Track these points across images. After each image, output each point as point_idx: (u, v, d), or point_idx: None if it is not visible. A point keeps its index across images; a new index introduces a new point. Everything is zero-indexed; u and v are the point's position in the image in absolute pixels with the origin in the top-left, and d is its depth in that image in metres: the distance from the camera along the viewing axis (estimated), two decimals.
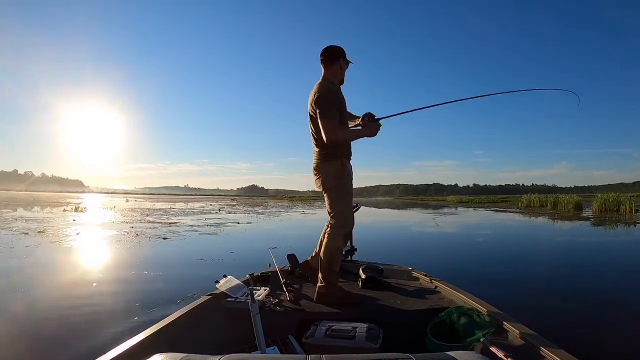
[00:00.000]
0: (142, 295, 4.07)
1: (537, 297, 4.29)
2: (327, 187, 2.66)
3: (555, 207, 25.83)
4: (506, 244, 9.39)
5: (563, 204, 25.19)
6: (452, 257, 7.27)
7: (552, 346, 1.59)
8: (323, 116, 2.51)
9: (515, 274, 5.69)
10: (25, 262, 5.98)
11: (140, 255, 6.72)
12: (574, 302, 4.18)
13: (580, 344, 2.68)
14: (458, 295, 2.47)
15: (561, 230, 13.13)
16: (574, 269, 6.14)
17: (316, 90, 2.62)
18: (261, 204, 41.58)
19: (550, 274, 5.70)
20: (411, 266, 3.41)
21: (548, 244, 9.71)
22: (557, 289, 4.73)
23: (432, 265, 5.88)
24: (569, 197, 26.96)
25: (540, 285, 4.93)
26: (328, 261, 2.60)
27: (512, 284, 5.03)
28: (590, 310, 3.93)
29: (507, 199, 56.36)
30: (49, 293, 4.31)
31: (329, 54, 2.69)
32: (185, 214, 19.25)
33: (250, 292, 1.76)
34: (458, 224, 15.62)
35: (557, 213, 21.13)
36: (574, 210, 22.92)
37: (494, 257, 7.20)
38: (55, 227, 11.32)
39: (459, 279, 3.70)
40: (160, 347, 1.38)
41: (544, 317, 3.54)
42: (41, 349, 2.82)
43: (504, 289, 4.62)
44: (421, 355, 0.94)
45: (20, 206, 25.98)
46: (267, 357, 1.55)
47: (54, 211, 20.49)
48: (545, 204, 27.59)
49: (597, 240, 10.27)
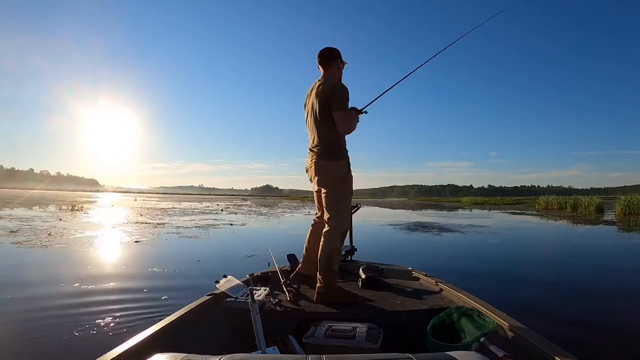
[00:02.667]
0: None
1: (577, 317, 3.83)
2: (331, 187, 2.66)
3: (575, 209, 24.79)
4: (532, 254, 8.57)
5: (583, 206, 24.11)
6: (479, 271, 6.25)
7: (552, 346, 1.58)
8: (339, 108, 2.56)
9: (552, 291, 5.02)
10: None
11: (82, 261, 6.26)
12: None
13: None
14: (458, 295, 2.47)
15: (587, 235, 12.31)
16: (610, 281, 5.62)
17: (326, 86, 2.65)
18: (271, 204, 41.26)
19: (590, 289, 5.12)
20: (411, 266, 3.40)
21: (579, 253, 8.66)
22: (594, 306, 4.28)
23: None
24: (590, 198, 25.73)
25: (580, 301, 4.46)
26: (327, 261, 2.60)
27: (548, 299, 4.50)
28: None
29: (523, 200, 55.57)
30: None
31: (327, 55, 2.77)
32: (183, 214, 18.99)
33: (250, 292, 1.75)
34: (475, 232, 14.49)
35: (578, 216, 20.21)
36: (596, 213, 21.90)
37: (518, 266, 6.72)
38: (32, 227, 11.03)
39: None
40: (161, 347, 1.39)
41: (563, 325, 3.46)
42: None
43: (544, 307, 4.13)
44: (421, 355, 0.94)
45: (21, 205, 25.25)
46: (267, 357, 1.54)
47: (47, 210, 20.02)
48: (565, 206, 26.59)
49: (630, 246, 9.59)
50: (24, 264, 5.98)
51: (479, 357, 0.98)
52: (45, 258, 6.47)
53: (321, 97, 2.63)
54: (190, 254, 7.23)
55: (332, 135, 2.65)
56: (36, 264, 6.00)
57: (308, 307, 2.43)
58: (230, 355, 0.94)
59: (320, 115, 2.64)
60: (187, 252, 7.41)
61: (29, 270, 5.54)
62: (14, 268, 5.75)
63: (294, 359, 1.35)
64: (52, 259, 6.40)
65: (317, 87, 2.73)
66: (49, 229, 10.44)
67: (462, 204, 51.45)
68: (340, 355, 1.06)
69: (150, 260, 6.40)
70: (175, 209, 25.16)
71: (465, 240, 10.37)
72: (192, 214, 19.39)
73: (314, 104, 2.68)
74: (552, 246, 9.97)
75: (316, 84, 2.78)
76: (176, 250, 7.78)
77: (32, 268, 5.71)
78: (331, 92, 2.59)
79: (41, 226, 11.34)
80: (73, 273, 5.31)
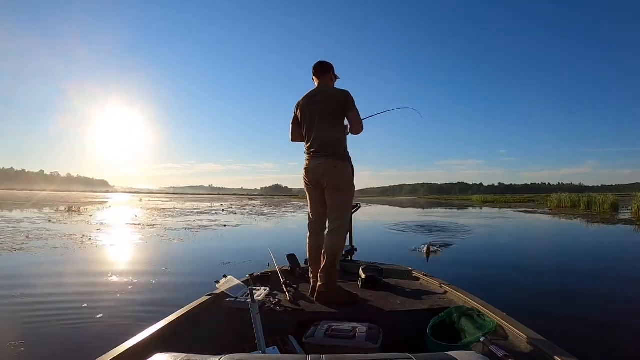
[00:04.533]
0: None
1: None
2: (343, 187, 2.74)
3: (589, 207, 23.97)
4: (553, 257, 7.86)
5: (598, 204, 23.35)
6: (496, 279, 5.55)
7: (552, 346, 1.58)
8: (354, 108, 2.77)
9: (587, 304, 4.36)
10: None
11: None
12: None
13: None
14: (458, 295, 2.47)
15: (609, 234, 11.71)
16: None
17: (338, 91, 2.82)
18: (277, 203, 40.78)
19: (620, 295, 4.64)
20: (411, 266, 3.41)
21: (608, 256, 7.92)
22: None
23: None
24: (604, 196, 25.04)
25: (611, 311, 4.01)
26: (333, 260, 2.63)
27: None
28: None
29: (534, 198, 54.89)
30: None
31: (322, 68, 2.94)
32: (181, 215, 18.76)
33: (250, 292, 1.76)
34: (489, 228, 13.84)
35: (593, 214, 19.42)
36: (611, 211, 21.11)
37: (543, 275, 5.90)
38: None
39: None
40: (161, 347, 1.40)
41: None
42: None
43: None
44: (421, 355, 0.94)
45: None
46: (267, 357, 1.54)
47: (34, 210, 19.83)
48: (578, 204, 25.70)
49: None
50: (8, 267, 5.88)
51: (479, 357, 0.98)
52: (27, 260, 6.33)
53: (335, 100, 2.77)
54: (169, 257, 7.00)
55: (343, 138, 2.79)
56: (14, 266, 5.90)
57: (308, 307, 2.44)
58: (230, 355, 0.95)
59: (333, 118, 2.75)
60: (165, 255, 7.13)
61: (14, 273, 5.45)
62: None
63: (294, 359, 1.36)
64: (30, 261, 6.25)
65: (321, 92, 2.84)
66: (29, 232, 10.00)
67: (472, 202, 50.60)
68: (340, 355, 1.06)
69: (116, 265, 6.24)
70: (176, 209, 25.02)
71: (481, 243, 9.61)
72: (190, 215, 19.01)
73: (323, 106, 2.77)
74: (576, 247, 9.36)
75: (317, 91, 2.88)
76: (154, 253, 7.45)
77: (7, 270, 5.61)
78: (346, 96, 2.76)
79: (15, 228, 11.11)
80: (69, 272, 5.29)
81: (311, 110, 2.81)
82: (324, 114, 2.75)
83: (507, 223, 16.18)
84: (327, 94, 2.81)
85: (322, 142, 2.73)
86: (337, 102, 2.76)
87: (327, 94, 2.81)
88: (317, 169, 2.73)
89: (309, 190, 2.84)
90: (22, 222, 13.46)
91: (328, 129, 2.74)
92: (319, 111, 2.76)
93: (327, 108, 2.75)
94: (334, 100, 2.77)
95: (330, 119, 2.74)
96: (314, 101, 2.82)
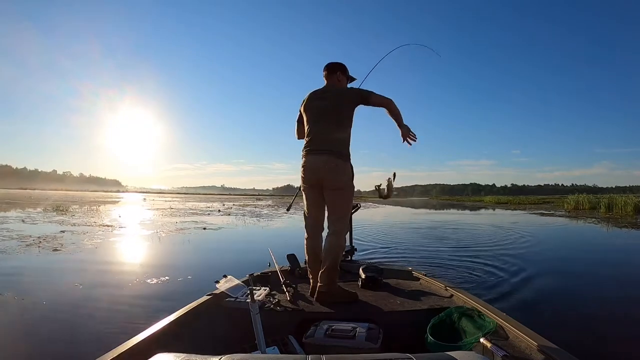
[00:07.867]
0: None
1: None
2: (344, 187, 2.74)
3: (609, 209, 22.67)
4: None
5: (619, 207, 22.14)
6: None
7: (552, 346, 1.58)
8: (371, 93, 2.77)
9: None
10: None
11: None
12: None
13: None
14: (458, 295, 2.46)
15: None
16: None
17: (349, 90, 2.89)
18: (286, 203, 40.19)
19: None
20: (411, 266, 3.42)
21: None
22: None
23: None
24: (626, 197, 23.93)
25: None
26: (334, 260, 2.64)
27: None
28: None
29: (549, 199, 53.86)
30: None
31: (330, 67, 2.95)
32: (179, 215, 18.33)
33: (250, 292, 1.76)
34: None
35: (616, 218, 18.06)
36: (634, 214, 20.00)
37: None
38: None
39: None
40: (161, 347, 1.41)
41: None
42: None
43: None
44: (421, 355, 0.94)
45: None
46: (267, 357, 1.55)
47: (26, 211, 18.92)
48: (598, 206, 24.40)
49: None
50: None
51: (479, 357, 0.98)
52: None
53: (341, 98, 2.77)
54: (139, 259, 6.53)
55: (347, 137, 2.78)
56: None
57: (308, 307, 2.44)
58: (230, 355, 0.95)
59: (336, 116, 2.74)
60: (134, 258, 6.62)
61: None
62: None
63: (294, 359, 1.35)
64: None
65: (326, 91, 2.85)
66: (21, 227, 9.62)
67: (485, 203, 49.18)
68: (340, 356, 1.06)
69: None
70: (177, 209, 24.61)
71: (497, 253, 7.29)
72: (188, 215, 18.39)
73: (327, 104, 2.77)
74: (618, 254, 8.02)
75: (322, 89, 2.89)
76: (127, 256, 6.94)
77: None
78: (355, 92, 2.82)
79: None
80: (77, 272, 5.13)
81: (314, 107, 2.82)
82: (327, 111, 2.75)
83: (538, 230, 12.71)
84: (332, 92, 2.82)
85: (323, 139, 2.73)
86: (343, 100, 2.76)
87: (333, 92, 2.83)
88: (316, 167, 2.71)
89: (306, 189, 2.83)
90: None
91: (330, 126, 2.73)
92: (322, 108, 2.77)
93: (331, 106, 2.76)
94: (340, 98, 2.77)
95: (333, 117, 2.74)
96: (318, 98, 2.83)
